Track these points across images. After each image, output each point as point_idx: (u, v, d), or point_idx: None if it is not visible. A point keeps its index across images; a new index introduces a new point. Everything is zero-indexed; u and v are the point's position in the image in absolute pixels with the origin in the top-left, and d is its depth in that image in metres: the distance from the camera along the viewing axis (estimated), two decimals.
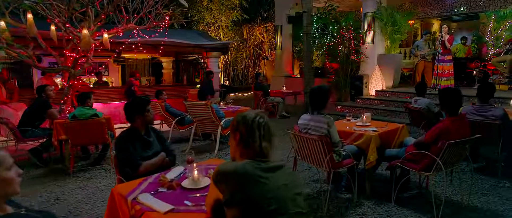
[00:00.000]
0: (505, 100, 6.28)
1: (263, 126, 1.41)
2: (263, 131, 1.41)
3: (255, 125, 1.40)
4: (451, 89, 2.92)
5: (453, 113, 2.86)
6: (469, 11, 10.53)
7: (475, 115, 3.86)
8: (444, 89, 2.95)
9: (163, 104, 5.84)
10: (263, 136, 1.40)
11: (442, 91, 2.93)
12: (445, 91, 2.92)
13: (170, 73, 11.92)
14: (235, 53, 14.91)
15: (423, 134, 5.11)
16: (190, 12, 13.00)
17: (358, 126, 3.74)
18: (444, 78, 7.56)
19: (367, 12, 8.86)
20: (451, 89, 2.92)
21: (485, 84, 3.85)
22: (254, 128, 1.40)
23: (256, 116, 1.44)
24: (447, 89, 2.95)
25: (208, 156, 5.16)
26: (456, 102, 2.84)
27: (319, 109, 3.06)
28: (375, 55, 8.86)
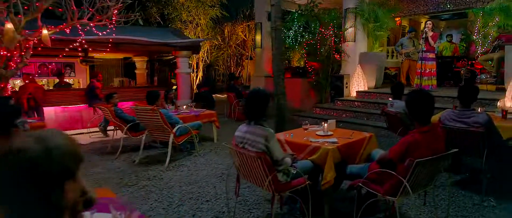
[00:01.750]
0: (492, 102, 5.76)
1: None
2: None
3: None
4: (419, 94, 2.34)
5: (424, 122, 2.28)
6: (456, 8, 10.09)
7: (456, 121, 3.29)
8: (411, 94, 2.36)
9: (112, 109, 5.18)
10: None
11: (409, 96, 2.35)
12: (412, 96, 2.34)
13: (144, 74, 11.24)
14: (216, 52, 14.26)
15: None
16: (166, 10, 12.32)
17: (318, 136, 3.14)
18: (426, 77, 7.02)
19: (348, 7, 8.31)
20: (419, 94, 2.34)
21: (467, 86, 3.28)
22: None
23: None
24: (414, 94, 2.37)
25: (156, 168, 4.53)
26: (426, 109, 2.26)
27: (257, 118, 2.46)
28: (357, 53, 8.31)
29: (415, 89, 2.37)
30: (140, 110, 4.65)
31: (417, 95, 2.31)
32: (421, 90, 2.37)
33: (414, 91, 2.35)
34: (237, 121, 8.06)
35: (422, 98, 2.26)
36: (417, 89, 2.32)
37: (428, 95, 2.28)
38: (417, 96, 2.30)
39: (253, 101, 2.40)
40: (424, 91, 2.31)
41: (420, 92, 2.34)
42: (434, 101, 2.29)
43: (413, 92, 2.35)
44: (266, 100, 2.39)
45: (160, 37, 8.34)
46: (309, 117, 7.50)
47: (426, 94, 2.28)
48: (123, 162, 4.93)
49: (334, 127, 3.43)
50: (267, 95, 2.41)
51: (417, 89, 2.36)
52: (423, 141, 2.19)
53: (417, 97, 2.29)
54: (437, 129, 2.29)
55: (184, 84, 8.35)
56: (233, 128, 7.80)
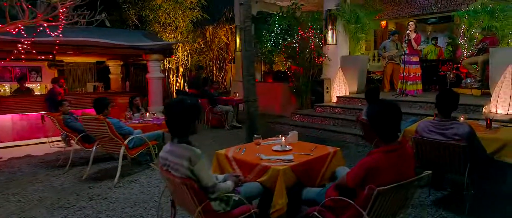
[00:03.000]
0: (477, 109, 5.39)
1: None
2: None
3: None
4: (382, 105, 1.88)
5: (389, 139, 1.83)
6: (441, 10, 9.84)
7: (434, 133, 2.86)
8: (374, 105, 1.91)
9: (60, 117, 4.64)
10: None
11: (371, 108, 1.90)
12: (374, 108, 1.89)
13: (118, 79, 10.68)
14: (198, 56, 13.75)
15: None
16: (143, 12, 11.79)
17: (274, 151, 2.68)
18: (410, 82, 6.65)
19: (328, 9, 7.92)
20: (382, 105, 1.88)
21: (445, 93, 2.86)
22: None
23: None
24: (377, 105, 1.91)
25: (105, 185, 4.01)
26: (391, 123, 1.81)
27: (180, 134, 1.97)
28: (338, 57, 7.91)
29: (380, 100, 1.91)
30: (85, 119, 4.12)
31: (379, 107, 1.87)
32: (384, 101, 1.91)
33: (379, 101, 1.90)
34: (211, 129, 7.58)
35: (386, 110, 1.81)
36: (380, 99, 1.85)
37: (393, 107, 1.82)
38: (380, 109, 1.85)
39: (174, 114, 1.91)
40: (388, 102, 1.86)
41: (383, 103, 1.89)
42: (400, 114, 1.84)
43: (379, 102, 1.90)
44: (191, 112, 1.91)
45: (131, 39, 7.83)
46: (287, 124, 7.05)
47: (390, 105, 1.83)
48: (71, 177, 4.39)
49: (296, 140, 2.97)
50: (192, 106, 1.92)
51: (380, 100, 1.90)
52: (387, 163, 1.74)
53: (380, 109, 1.84)
54: (405, 147, 1.84)
55: (156, 90, 7.84)
56: (206, 136, 7.42)
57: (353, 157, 4.90)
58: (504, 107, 5.24)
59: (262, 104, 9.73)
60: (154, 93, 7.80)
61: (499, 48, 5.71)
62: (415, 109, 6.02)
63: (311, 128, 6.53)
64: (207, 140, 6.44)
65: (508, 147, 2.96)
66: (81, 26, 5.83)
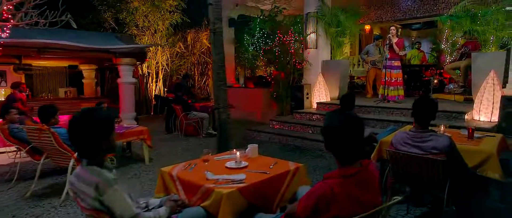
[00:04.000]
0: (459, 116, 5.14)
1: None
2: None
3: None
4: (338, 118, 1.50)
5: (347, 161, 1.47)
6: (424, 15, 9.73)
7: (411, 146, 2.54)
8: (328, 117, 1.54)
9: (5, 126, 4.17)
10: None
11: (326, 120, 1.53)
12: (329, 121, 1.51)
13: (92, 84, 10.18)
14: (179, 61, 13.33)
15: None
16: (120, 15, 11.33)
17: (226, 169, 2.31)
18: (392, 87, 6.40)
19: (309, 12, 7.64)
20: (338, 118, 1.50)
21: (422, 101, 2.54)
22: None
23: None
24: (332, 118, 1.53)
25: (49, 204, 3.56)
26: (348, 140, 1.45)
27: (90, 155, 1.57)
28: (319, 61, 7.62)
29: (334, 111, 1.53)
30: (29, 129, 3.68)
31: (336, 120, 1.50)
32: (340, 112, 1.54)
33: (333, 113, 1.54)
34: (186, 137, 7.17)
35: (344, 125, 1.45)
36: (336, 110, 1.46)
37: (353, 121, 1.46)
38: (336, 122, 1.49)
39: (79, 130, 1.51)
40: (346, 115, 1.50)
41: (340, 116, 1.53)
42: (362, 129, 1.49)
43: (331, 114, 1.53)
44: (101, 126, 1.52)
45: (101, 42, 7.40)
46: (264, 132, 6.70)
47: (350, 119, 1.47)
48: (15, 194, 3.93)
49: (256, 154, 2.61)
50: (103, 119, 1.53)
51: (336, 111, 1.52)
52: (343, 191, 1.39)
53: (336, 123, 1.49)
54: (368, 170, 1.49)
55: (128, 96, 7.40)
56: (177, 145, 6.97)
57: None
58: (486, 114, 5.01)
59: (243, 110, 9.42)
60: (126, 99, 7.35)
61: (481, 53, 5.51)
62: (396, 116, 5.76)
63: (289, 136, 6.19)
64: (177, 150, 6.04)
65: (491, 160, 2.67)
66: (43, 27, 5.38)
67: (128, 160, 5.40)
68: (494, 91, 4.94)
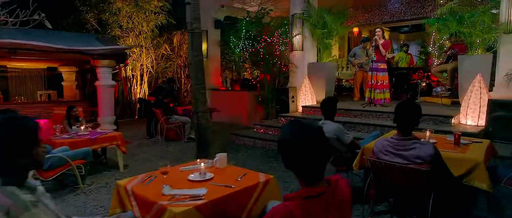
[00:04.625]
0: (446, 120, 5.00)
1: None
2: None
3: None
4: (297, 128, 1.25)
5: (310, 180, 1.24)
6: (411, 18, 9.68)
7: (393, 155, 2.35)
8: (285, 127, 1.29)
9: None
10: None
11: (282, 131, 1.29)
12: (285, 132, 1.26)
13: (72, 87, 9.82)
14: (164, 63, 13.02)
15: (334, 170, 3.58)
16: (103, 15, 10.99)
17: (188, 182, 2.07)
18: (378, 90, 6.24)
19: (294, 13, 7.47)
20: (297, 128, 1.25)
21: (405, 106, 2.35)
22: None
23: None
24: (289, 128, 1.28)
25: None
26: (310, 156, 1.21)
27: (3, 173, 1.30)
28: (305, 64, 7.45)
29: (292, 121, 1.29)
30: None
31: (293, 133, 1.23)
32: (298, 123, 1.30)
33: (290, 124, 1.31)
34: (167, 142, 6.89)
35: (303, 139, 1.20)
36: (294, 120, 1.22)
37: (314, 132, 1.21)
38: (294, 136, 1.22)
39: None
40: (306, 126, 1.26)
41: (297, 127, 1.27)
42: (326, 142, 1.26)
43: (289, 124, 1.30)
44: (14, 140, 1.26)
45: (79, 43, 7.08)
46: (248, 137, 6.47)
47: (309, 131, 1.21)
48: None
49: (225, 164, 2.38)
50: (18, 131, 1.27)
51: (294, 121, 1.28)
52: (304, 214, 1.16)
53: (294, 137, 1.22)
54: (337, 190, 1.27)
55: (107, 99, 7.09)
56: (156, 151, 6.66)
57: None
58: (473, 118, 4.88)
59: (228, 114, 9.19)
60: (104, 102, 7.05)
61: (467, 55, 5.40)
62: (383, 120, 5.60)
63: (273, 141, 5.97)
64: (155, 156, 5.76)
65: (478, 169, 2.49)
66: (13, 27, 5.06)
67: (102, 167, 5.12)
68: (481, 95, 4.82)
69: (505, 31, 4.83)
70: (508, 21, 4.79)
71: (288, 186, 3.96)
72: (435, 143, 3.05)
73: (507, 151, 3.99)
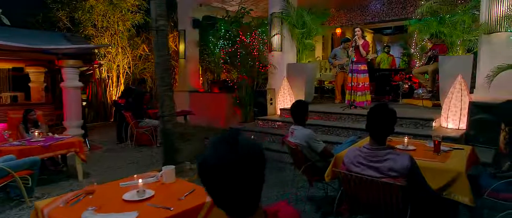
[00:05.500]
0: (427, 123, 4.80)
1: None
2: None
3: None
4: (216, 145, 0.90)
5: (234, 213, 0.91)
6: (393, 18, 9.57)
7: (365, 167, 2.06)
8: (210, 145, 0.97)
9: None
10: None
11: (208, 150, 0.96)
12: (210, 150, 0.93)
13: (40, 88, 9.23)
14: (142, 64, 12.54)
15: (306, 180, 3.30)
16: (76, 14, 10.45)
17: (122, 202, 1.73)
18: (359, 93, 6.03)
19: (273, 12, 7.19)
20: (216, 145, 0.90)
21: (378, 111, 2.07)
22: None
23: None
24: (214, 144, 0.95)
25: None
26: (221, 182, 0.84)
27: None
28: (284, 65, 7.17)
29: (221, 138, 0.94)
30: None
31: (210, 153, 0.89)
32: (222, 139, 0.95)
33: (215, 140, 0.96)
34: (138, 147, 6.49)
35: (215, 164, 0.87)
36: (224, 136, 0.89)
37: (232, 155, 0.86)
38: (210, 157, 0.89)
39: None
40: (230, 143, 0.91)
41: (219, 144, 0.90)
42: (261, 163, 0.94)
43: (212, 142, 0.95)
44: None
45: (46, 42, 6.59)
46: None
47: (226, 153, 0.87)
48: None
49: (173, 178, 2.05)
50: None
51: (220, 138, 0.95)
52: None
53: (209, 158, 0.89)
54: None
55: (73, 102, 6.61)
56: (124, 157, 6.20)
57: (290, 183, 4.08)
58: (455, 121, 4.69)
59: (206, 116, 8.82)
60: (70, 105, 6.57)
61: (448, 56, 5.23)
62: (363, 123, 5.36)
63: None
64: (124, 162, 5.37)
65: (459, 180, 2.24)
66: None
67: (60, 176, 4.70)
68: (462, 97, 4.64)
69: (485, 32, 4.67)
70: (488, 21, 4.63)
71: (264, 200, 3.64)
72: (413, 150, 2.81)
73: (488, 157, 3.80)
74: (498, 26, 4.53)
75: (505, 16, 4.46)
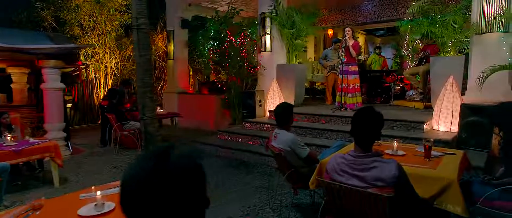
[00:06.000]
0: (418, 125, 4.67)
1: None
2: None
3: None
4: (136, 161, 0.73)
5: None
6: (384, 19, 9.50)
7: (349, 175, 1.90)
8: (135, 161, 0.79)
9: None
10: None
11: (133, 167, 0.77)
12: (134, 167, 0.75)
13: (23, 90, 8.93)
14: (131, 65, 12.28)
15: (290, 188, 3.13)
16: (61, 13, 10.16)
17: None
18: (349, 94, 5.88)
19: (262, 12, 7.03)
20: (136, 161, 0.73)
21: (363, 114, 1.91)
22: None
23: None
24: (138, 164, 0.72)
25: None
26: (129, 205, 0.70)
27: None
28: (274, 66, 7.01)
29: (145, 156, 0.76)
30: None
31: (128, 169, 0.74)
32: (142, 157, 0.77)
33: (143, 159, 0.77)
34: (122, 150, 6.26)
35: (122, 184, 0.72)
36: (148, 154, 0.72)
37: (141, 175, 0.71)
38: (125, 174, 0.73)
39: None
40: (145, 160, 0.73)
41: (138, 161, 0.75)
42: (199, 179, 0.76)
43: (140, 157, 0.77)
44: None
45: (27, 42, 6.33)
46: (211, 145, 5.94)
47: (136, 171, 0.72)
48: None
49: None
50: None
51: (150, 156, 0.77)
52: None
53: (124, 176, 0.73)
54: None
55: (54, 104, 6.35)
56: (110, 161, 6.01)
57: (276, 189, 3.90)
58: (446, 124, 4.57)
59: (195, 119, 8.62)
60: (51, 107, 6.30)
61: (439, 57, 5.11)
62: None
63: (237, 150, 5.48)
64: (104, 168, 5.14)
65: (451, 189, 2.09)
66: None
67: (36, 182, 4.46)
68: (453, 99, 4.52)
69: (477, 32, 4.56)
70: (480, 21, 4.53)
71: (248, 208, 3.45)
72: (403, 155, 2.66)
73: (480, 160, 3.68)
74: (489, 26, 4.43)
75: (497, 16, 4.36)
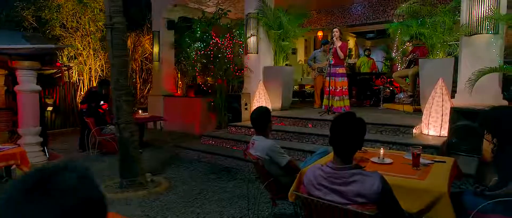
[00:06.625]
0: (407, 130, 4.50)
1: None
2: None
3: None
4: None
5: None
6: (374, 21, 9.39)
7: (327, 190, 1.68)
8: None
9: None
10: None
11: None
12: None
13: (0, 92, 8.56)
14: None
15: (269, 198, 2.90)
16: (42, 13, 9.82)
17: None
18: (337, 97, 5.71)
19: (249, 12, 6.83)
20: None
21: (342, 122, 1.71)
22: None
23: None
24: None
25: None
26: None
27: None
28: (261, 68, 6.80)
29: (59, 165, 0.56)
30: None
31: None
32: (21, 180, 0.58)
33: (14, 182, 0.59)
34: (101, 155, 5.98)
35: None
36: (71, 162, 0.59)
37: (58, 196, 0.53)
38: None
39: None
40: (42, 178, 0.57)
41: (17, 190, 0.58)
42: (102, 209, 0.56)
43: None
44: None
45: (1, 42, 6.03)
46: (194, 150, 5.69)
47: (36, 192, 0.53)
48: None
49: None
50: None
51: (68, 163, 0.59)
52: None
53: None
54: None
55: (29, 107, 6.03)
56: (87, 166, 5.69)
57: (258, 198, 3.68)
58: (436, 128, 4.41)
59: (182, 122, 8.36)
60: (26, 111, 5.98)
61: (428, 59, 4.97)
62: None
63: (220, 155, 5.24)
64: None
65: (441, 202, 1.90)
66: None
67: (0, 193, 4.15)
68: (443, 102, 4.36)
69: (466, 33, 4.43)
70: (469, 22, 4.39)
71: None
72: (390, 164, 2.47)
73: (471, 167, 3.51)
74: (479, 28, 4.30)
75: (486, 17, 4.23)
